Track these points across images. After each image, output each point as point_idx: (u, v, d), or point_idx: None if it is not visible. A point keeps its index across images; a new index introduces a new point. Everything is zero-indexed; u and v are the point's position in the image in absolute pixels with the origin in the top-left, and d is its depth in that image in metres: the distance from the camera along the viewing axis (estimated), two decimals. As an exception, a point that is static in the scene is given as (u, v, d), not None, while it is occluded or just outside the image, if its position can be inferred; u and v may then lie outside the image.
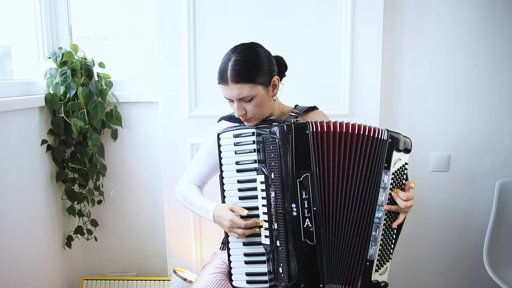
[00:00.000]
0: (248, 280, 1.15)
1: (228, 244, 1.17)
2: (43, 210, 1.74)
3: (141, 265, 2.06)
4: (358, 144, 1.10)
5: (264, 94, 1.15)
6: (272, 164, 1.09)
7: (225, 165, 1.16)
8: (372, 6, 1.72)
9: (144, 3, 1.90)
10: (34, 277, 1.66)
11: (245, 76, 1.10)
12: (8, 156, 1.51)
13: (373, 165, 1.10)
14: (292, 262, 1.07)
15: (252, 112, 1.15)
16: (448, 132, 1.94)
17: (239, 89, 1.11)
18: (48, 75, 1.78)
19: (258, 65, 1.12)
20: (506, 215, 1.82)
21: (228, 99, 1.16)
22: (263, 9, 1.72)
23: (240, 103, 1.14)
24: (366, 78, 1.76)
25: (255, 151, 1.13)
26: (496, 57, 1.88)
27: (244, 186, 1.15)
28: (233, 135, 1.15)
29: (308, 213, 1.07)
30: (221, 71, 1.13)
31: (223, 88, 1.14)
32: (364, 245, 1.11)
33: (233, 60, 1.12)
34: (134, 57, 1.98)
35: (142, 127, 1.94)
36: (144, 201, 2.01)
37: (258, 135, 1.13)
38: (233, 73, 1.10)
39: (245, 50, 1.14)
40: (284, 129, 1.07)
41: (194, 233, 1.85)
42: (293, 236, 1.07)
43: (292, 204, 1.06)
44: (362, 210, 1.11)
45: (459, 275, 2.05)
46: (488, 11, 1.85)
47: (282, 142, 1.06)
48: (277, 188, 1.08)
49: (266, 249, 1.13)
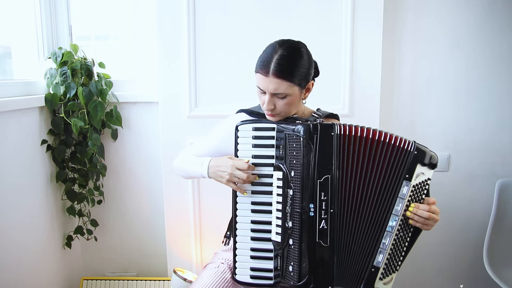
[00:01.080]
0: (253, 275, 1.15)
1: (235, 237, 1.17)
2: (43, 210, 1.74)
3: (141, 265, 2.06)
4: (382, 151, 1.09)
5: (298, 95, 1.15)
6: (294, 162, 1.08)
7: (241, 157, 1.15)
8: (372, 6, 1.71)
9: (144, 3, 1.90)
10: (34, 277, 1.66)
11: (288, 74, 1.10)
12: (8, 156, 1.51)
13: (394, 174, 1.09)
14: (304, 262, 1.07)
15: (281, 109, 1.15)
16: (448, 132, 1.94)
17: (278, 84, 1.10)
18: (48, 75, 1.78)
19: (301, 66, 1.12)
20: (506, 215, 1.82)
21: (261, 89, 1.14)
22: (263, 9, 1.72)
23: (273, 98, 1.13)
24: (366, 78, 1.76)
25: (274, 147, 1.13)
26: (495, 57, 1.88)
27: (258, 181, 1.14)
28: (253, 128, 1.15)
29: (325, 215, 1.07)
30: (265, 61, 1.12)
31: (261, 78, 1.13)
32: (372, 251, 1.10)
33: (279, 54, 1.10)
34: (134, 57, 1.98)
35: (142, 127, 1.94)
36: (144, 201, 2.01)
37: (279, 131, 1.12)
38: (277, 67, 1.09)
39: (292, 48, 1.13)
40: (310, 128, 1.06)
41: (194, 233, 1.85)
42: (307, 236, 1.07)
43: (310, 204, 1.06)
44: (376, 216, 1.10)
45: (459, 274, 2.05)
46: (487, 11, 1.85)
47: (306, 141, 1.06)
48: (296, 186, 1.08)
49: (276, 246, 1.12)
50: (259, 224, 1.15)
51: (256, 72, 1.15)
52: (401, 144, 1.09)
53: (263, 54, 1.14)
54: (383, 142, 1.09)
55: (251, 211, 1.15)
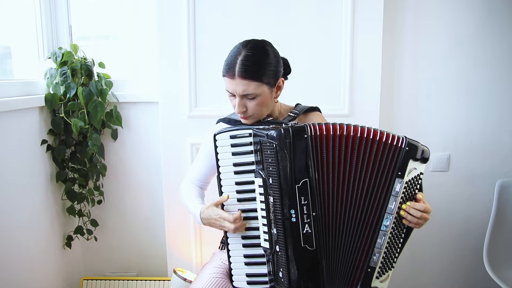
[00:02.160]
0: (249, 281, 1.15)
1: (227, 245, 1.17)
2: (43, 210, 1.74)
3: (141, 265, 2.06)
4: (367, 148, 1.07)
5: (268, 94, 1.14)
6: (270, 169, 1.06)
7: (222, 167, 1.14)
8: (372, 6, 1.71)
9: (144, 3, 1.90)
10: (34, 277, 1.66)
11: (254, 74, 1.09)
12: (8, 156, 1.51)
13: (385, 172, 1.07)
14: (292, 268, 1.06)
15: (253, 110, 1.14)
16: (448, 132, 1.94)
17: (245, 85, 1.10)
18: (48, 75, 1.78)
19: (267, 65, 1.11)
20: (506, 215, 1.82)
21: (230, 93, 1.14)
22: (263, 9, 1.72)
23: (243, 99, 1.13)
24: (366, 78, 1.76)
25: (253, 153, 1.10)
26: (496, 57, 1.88)
27: (242, 188, 1.13)
28: (230, 136, 1.13)
29: (308, 219, 1.05)
30: (229, 64, 1.11)
31: (228, 81, 1.12)
32: (368, 252, 1.09)
33: (243, 55, 1.10)
34: (134, 57, 1.98)
35: (142, 127, 1.94)
36: (144, 201, 2.01)
37: (255, 136, 1.09)
38: (242, 68, 1.08)
39: (256, 47, 1.12)
40: (281, 133, 1.03)
41: (194, 233, 1.85)
42: (292, 242, 1.05)
43: (291, 210, 1.04)
44: (368, 216, 1.09)
45: (459, 275, 2.05)
46: (487, 11, 1.85)
47: (279, 147, 1.03)
48: (275, 193, 1.06)
49: (266, 252, 1.12)
50: (249, 230, 1.14)
51: (223, 76, 1.14)
52: (389, 141, 1.07)
53: (228, 57, 1.13)
54: (367, 139, 1.06)
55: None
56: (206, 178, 1.32)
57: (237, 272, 1.16)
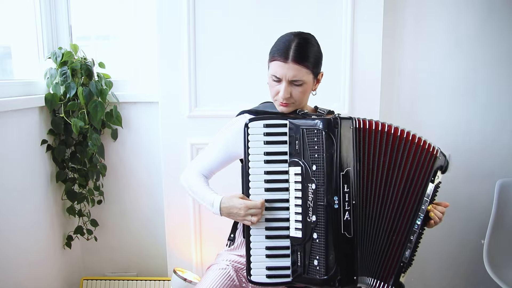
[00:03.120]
0: (269, 274, 1.13)
1: (248, 237, 1.15)
2: (43, 210, 1.74)
3: (141, 265, 2.06)
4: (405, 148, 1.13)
5: (311, 84, 1.18)
6: (316, 156, 1.08)
7: (252, 155, 1.13)
8: (372, 6, 1.72)
9: (144, 3, 1.90)
10: (34, 277, 1.66)
11: (307, 60, 1.13)
12: (8, 156, 1.51)
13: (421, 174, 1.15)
14: (331, 254, 1.08)
15: (297, 97, 1.17)
16: (448, 132, 1.94)
17: (297, 70, 1.12)
18: (48, 75, 1.78)
19: (315, 54, 1.15)
20: (506, 215, 1.82)
21: (278, 77, 1.15)
22: (263, 9, 1.72)
23: (289, 85, 1.15)
24: (366, 78, 1.76)
25: (287, 143, 1.12)
26: (495, 57, 1.88)
27: (272, 178, 1.14)
28: (264, 124, 1.13)
29: (348, 207, 1.08)
30: (283, 48, 1.13)
31: (279, 65, 1.13)
32: (403, 246, 1.14)
33: (297, 42, 1.13)
34: (134, 57, 1.98)
35: (142, 127, 1.94)
36: (144, 201, 2.01)
37: (292, 127, 1.12)
38: (297, 53, 1.12)
39: (308, 37, 1.17)
40: (331, 121, 1.07)
41: (194, 233, 1.85)
42: (333, 228, 1.08)
43: (335, 196, 1.08)
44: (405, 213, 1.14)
45: (459, 275, 2.05)
46: (487, 11, 1.85)
47: (328, 135, 1.07)
48: (319, 180, 1.08)
49: (295, 242, 1.12)
50: (275, 221, 1.14)
51: (272, 60, 1.16)
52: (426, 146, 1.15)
53: (279, 42, 1.16)
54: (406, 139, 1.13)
55: (265, 209, 1.13)
56: (217, 169, 1.30)
57: (257, 266, 1.14)
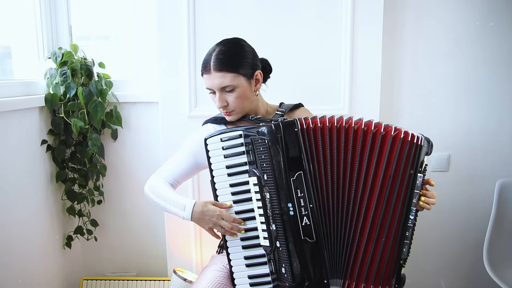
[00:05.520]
0: (251, 282, 1.14)
1: (227, 249, 1.16)
2: (43, 210, 1.74)
3: (141, 265, 2.06)
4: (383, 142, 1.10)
5: (246, 86, 1.16)
6: (264, 166, 1.08)
7: (216, 170, 1.15)
8: (372, 8, 1.71)
9: (144, 3, 1.90)
10: (34, 277, 1.66)
11: (228, 65, 1.12)
12: (8, 156, 1.51)
13: (407, 169, 1.11)
14: (294, 262, 1.07)
15: (234, 104, 1.16)
16: (448, 132, 1.94)
17: (221, 78, 1.13)
18: (48, 75, 1.78)
19: (241, 56, 1.15)
20: (506, 215, 1.82)
21: (211, 90, 1.17)
22: (263, 9, 1.72)
23: (222, 94, 1.15)
24: (366, 79, 1.76)
25: (245, 153, 1.12)
26: (495, 57, 1.88)
27: (237, 190, 1.14)
28: (220, 139, 1.14)
29: (305, 211, 1.06)
30: (205, 61, 1.16)
31: (206, 78, 1.16)
32: (399, 247, 1.13)
33: (217, 51, 1.15)
34: (134, 57, 1.98)
35: (142, 127, 1.94)
36: (144, 201, 2.00)
37: (246, 137, 1.11)
38: (216, 61, 1.13)
39: (229, 42, 1.18)
40: (272, 128, 1.05)
41: (194, 233, 1.85)
42: (292, 235, 1.06)
43: (288, 203, 1.06)
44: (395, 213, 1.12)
45: (458, 274, 2.05)
46: (487, 11, 1.85)
47: (271, 143, 1.05)
48: (271, 189, 1.07)
49: (266, 250, 1.12)
50: (247, 231, 1.14)
51: (202, 75, 1.18)
52: (408, 138, 1.10)
53: (205, 56, 1.18)
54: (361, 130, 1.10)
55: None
56: (183, 177, 1.29)
57: (239, 275, 1.15)
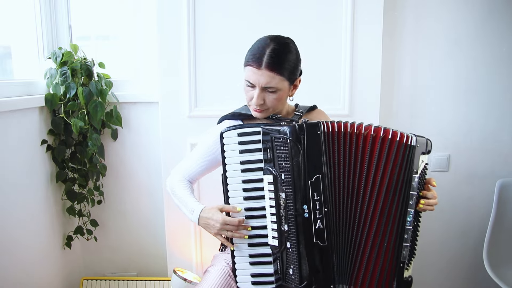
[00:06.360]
0: (254, 281, 1.14)
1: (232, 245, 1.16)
2: (43, 210, 1.74)
3: (141, 265, 2.06)
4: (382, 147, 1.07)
5: (287, 90, 1.16)
6: (283, 165, 1.06)
7: (229, 165, 1.13)
8: (372, 8, 1.71)
9: (144, 3, 1.90)
10: (34, 277, 1.66)
11: (281, 68, 1.11)
12: (8, 156, 1.51)
13: (402, 170, 1.08)
14: (304, 264, 1.05)
15: (270, 103, 1.15)
16: (448, 132, 1.94)
17: (270, 78, 1.11)
18: (48, 75, 1.78)
19: (292, 62, 1.14)
20: (506, 215, 1.82)
21: (251, 83, 1.14)
22: (263, 10, 1.72)
23: (263, 92, 1.14)
24: (366, 79, 1.76)
25: (261, 151, 1.10)
26: (495, 57, 1.88)
27: (250, 186, 1.12)
28: (238, 133, 1.12)
29: (320, 215, 1.05)
30: (257, 54, 1.12)
31: (252, 71, 1.12)
32: (398, 250, 1.11)
33: (272, 48, 1.11)
34: (134, 57, 1.98)
35: (142, 127, 1.94)
36: (144, 201, 2.01)
37: (265, 134, 1.09)
38: (270, 60, 1.10)
39: (284, 43, 1.15)
40: (295, 128, 1.03)
41: (194, 233, 1.85)
42: (304, 237, 1.05)
43: (304, 205, 1.04)
44: (393, 216, 1.09)
45: (458, 274, 2.05)
46: (487, 11, 1.85)
47: (293, 143, 1.03)
48: (288, 189, 1.05)
49: (274, 250, 1.11)
50: (255, 229, 1.13)
51: (247, 65, 1.14)
52: (404, 140, 1.08)
53: (254, 47, 1.14)
54: (377, 137, 1.07)
55: (245, 218, 1.13)
56: (200, 174, 1.30)
57: (242, 273, 1.15)
